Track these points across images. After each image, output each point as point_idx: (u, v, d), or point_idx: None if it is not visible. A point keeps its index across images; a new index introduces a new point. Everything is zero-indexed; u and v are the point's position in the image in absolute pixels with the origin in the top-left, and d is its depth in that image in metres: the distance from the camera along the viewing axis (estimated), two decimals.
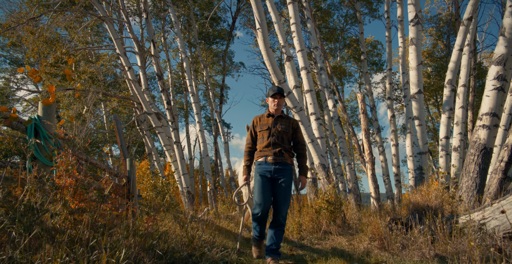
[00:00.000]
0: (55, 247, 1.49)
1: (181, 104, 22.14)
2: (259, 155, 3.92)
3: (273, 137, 3.87)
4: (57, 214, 1.73)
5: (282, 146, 3.88)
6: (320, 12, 19.00)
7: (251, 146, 4.06)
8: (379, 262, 3.10)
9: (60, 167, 2.16)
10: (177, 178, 11.82)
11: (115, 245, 1.80)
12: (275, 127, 3.91)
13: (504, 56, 5.12)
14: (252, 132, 4.07)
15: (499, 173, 5.90)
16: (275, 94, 3.99)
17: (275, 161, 3.81)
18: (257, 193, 3.74)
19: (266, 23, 7.85)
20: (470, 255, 2.17)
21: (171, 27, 18.35)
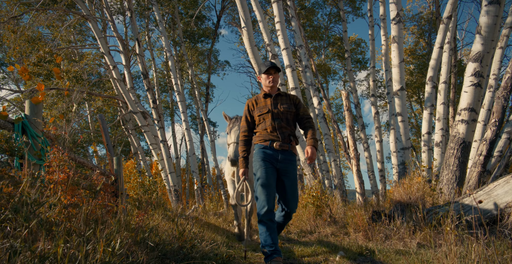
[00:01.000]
0: (52, 238, 1.54)
1: (167, 103, 22.07)
2: (263, 137, 3.39)
3: (277, 120, 3.37)
4: (55, 205, 1.78)
5: (289, 129, 3.41)
6: (304, 10, 19.16)
7: (247, 134, 3.52)
8: (363, 250, 3.22)
9: (53, 162, 2.20)
10: (164, 177, 11.83)
11: (109, 237, 1.86)
12: (277, 109, 3.41)
13: (480, 53, 5.30)
14: (247, 117, 3.55)
15: (478, 166, 6.12)
16: (269, 69, 3.51)
17: (283, 148, 3.32)
18: (262, 183, 3.20)
19: (251, 22, 7.92)
20: (446, 239, 2.30)
21: (155, 25, 18.25)
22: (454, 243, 2.12)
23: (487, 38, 5.34)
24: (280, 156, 3.32)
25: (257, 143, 3.45)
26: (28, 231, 1.45)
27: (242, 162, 3.45)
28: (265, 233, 3.12)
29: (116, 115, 20.72)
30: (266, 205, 3.12)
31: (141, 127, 11.83)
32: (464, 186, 5.52)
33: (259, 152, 3.38)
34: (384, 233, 3.59)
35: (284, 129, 3.37)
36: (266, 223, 3.12)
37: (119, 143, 22.49)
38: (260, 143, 3.41)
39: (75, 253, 1.49)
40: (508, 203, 3.26)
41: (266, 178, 3.22)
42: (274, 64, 3.50)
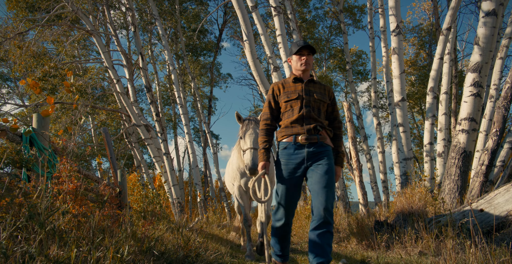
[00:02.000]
0: (64, 245, 1.59)
1: (170, 116, 22.21)
2: (285, 133, 2.93)
3: (306, 108, 2.89)
4: (67, 212, 1.84)
5: (319, 120, 2.91)
6: (305, 23, 19.40)
7: (270, 122, 3.03)
8: (365, 258, 3.24)
9: (62, 173, 2.27)
10: (167, 189, 11.86)
11: (117, 245, 1.91)
12: (308, 95, 2.94)
13: (479, 64, 5.38)
14: (272, 103, 3.05)
15: (481, 176, 6.14)
16: (301, 50, 2.99)
17: (309, 140, 2.84)
18: (282, 191, 2.87)
19: (253, 35, 8.06)
20: (447, 246, 2.33)
21: (158, 39, 18.52)
22: (453, 249, 2.16)
23: (485, 49, 5.42)
24: (308, 152, 2.84)
25: (280, 140, 3.00)
26: (43, 236, 1.51)
27: (263, 153, 2.99)
28: (280, 240, 2.93)
29: (119, 128, 20.86)
30: (284, 210, 2.86)
31: (144, 140, 11.91)
32: (466, 195, 5.53)
33: (281, 153, 2.95)
34: (387, 242, 3.61)
35: (312, 120, 2.89)
36: (281, 228, 2.90)
37: (122, 156, 22.58)
38: (283, 139, 2.96)
39: (87, 258, 1.54)
40: (509, 211, 3.29)
41: (288, 182, 2.87)
42: (308, 43, 3.00)
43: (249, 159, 3.72)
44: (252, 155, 3.73)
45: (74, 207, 2.06)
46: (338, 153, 3.07)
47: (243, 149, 3.94)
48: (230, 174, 4.98)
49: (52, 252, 1.42)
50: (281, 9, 9.08)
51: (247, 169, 3.70)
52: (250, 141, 3.87)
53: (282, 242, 2.98)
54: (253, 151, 3.76)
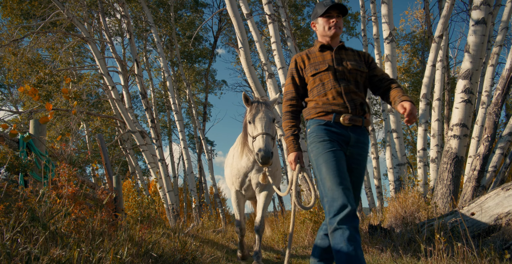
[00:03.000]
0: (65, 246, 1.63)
1: (164, 123, 22.22)
2: (322, 109, 2.32)
3: (342, 81, 2.33)
4: (69, 213, 1.88)
5: (361, 95, 2.38)
6: (299, 31, 19.59)
7: (296, 103, 2.47)
8: None
9: (62, 177, 2.31)
10: (162, 196, 11.84)
11: (116, 247, 1.95)
12: (341, 65, 2.38)
13: (469, 71, 5.49)
14: (296, 78, 2.48)
15: (473, 181, 6.22)
16: (329, 10, 2.44)
17: (354, 122, 2.28)
18: (333, 173, 2.13)
19: (248, 42, 8.15)
20: (438, 249, 2.39)
21: (153, 46, 18.61)
22: (443, 251, 2.22)
23: (476, 56, 5.53)
24: (352, 136, 2.28)
25: (313, 117, 2.38)
26: (44, 238, 1.55)
27: (292, 141, 2.41)
28: (349, 253, 1.91)
29: (113, 135, 20.83)
30: (348, 203, 2.02)
31: (139, 146, 11.92)
32: (459, 200, 5.61)
33: (318, 130, 2.30)
34: (380, 246, 3.67)
35: (354, 95, 2.33)
36: (350, 232, 1.96)
37: (116, 163, 22.53)
38: (317, 117, 2.34)
39: (89, 258, 1.58)
40: (499, 214, 3.36)
41: (337, 165, 2.16)
42: (336, 3, 2.44)
43: (262, 145, 3.16)
44: (265, 141, 3.18)
45: (73, 210, 2.09)
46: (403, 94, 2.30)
47: (252, 135, 3.38)
48: (229, 176, 4.53)
49: (55, 252, 1.46)
50: (275, 17, 9.19)
51: (259, 157, 3.15)
52: (261, 126, 3.32)
53: (356, 249, 1.94)
54: (265, 137, 3.23)
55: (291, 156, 2.43)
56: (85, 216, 2.12)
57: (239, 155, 4.08)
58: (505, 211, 3.34)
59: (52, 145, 2.80)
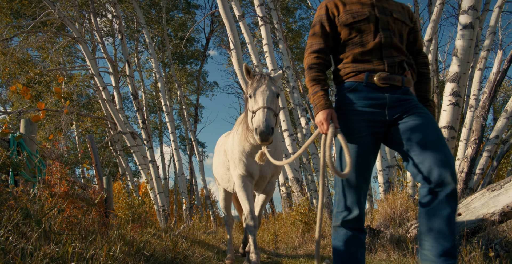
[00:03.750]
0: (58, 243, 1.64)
1: (155, 124, 22.15)
2: (351, 68, 1.99)
3: (384, 32, 1.96)
4: (63, 210, 1.89)
5: (403, 51, 2.00)
6: (291, 33, 19.69)
7: (324, 56, 2.06)
8: None
9: (54, 175, 2.31)
10: (153, 197, 11.80)
11: (109, 244, 1.96)
12: (384, 14, 2.00)
13: (457, 74, 5.59)
14: (326, 27, 2.06)
15: (461, 183, 6.32)
16: None
17: (391, 82, 1.92)
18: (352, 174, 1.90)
19: (240, 44, 8.19)
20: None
21: (145, 47, 18.57)
22: None
23: (463, 60, 5.64)
24: (390, 99, 1.90)
25: (342, 79, 2.05)
26: (38, 235, 1.56)
27: (321, 97, 1.94)
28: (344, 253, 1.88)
29: (104, 136, 20.71)
30: (356, 208, 1.90)
31: (130, 147, 11.87)
32: None
33: (346, 102, 1.98)
34: (369, 245, 3.72)
35: (394, 52, 1.96)
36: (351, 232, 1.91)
37: (106, 164, 22.38)
38: (346, 79, 2.02)
39: (83, 253, 1.59)
40: (485, 215, 3.43)
41: (357, 168, 1.92)
42: None
43: (261, 120, 2.81)
44: (266, 115, 2.81)
45: (65, 208, 2.10)
46: (427, 101, 2.09)
47: (252, 109, 3.02)
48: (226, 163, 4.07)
49: (49, 247, 1.47)
50: (267, 19, 9.25)
51: (257, 133, 2.80)
52: (262, 99, 2.97)
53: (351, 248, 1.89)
54: (266, 111, 2.84)
55: (322, 114, 1.90)
56: (78, 215, 2.13)
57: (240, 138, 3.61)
58: (490, 211, 3.42)
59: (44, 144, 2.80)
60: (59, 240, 1.63)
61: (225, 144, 4.07)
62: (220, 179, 4.43)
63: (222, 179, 4.33)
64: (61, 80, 2.71)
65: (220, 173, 4.32)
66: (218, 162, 4.36)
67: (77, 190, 4.44)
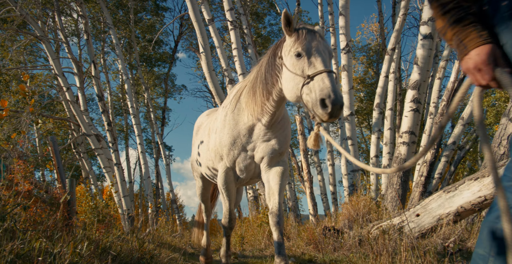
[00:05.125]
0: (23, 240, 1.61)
1: (121, 127, 21.70)
2: None
3: None
4: (28, 206, 1.84)
5: None
6: (260, 38, 19.89)
7: None
8: (312, 258, 3.43)
9: (17, 174, 2.25)
10: (117, 201, 11.54)
11: (75, 243, 1.94)
12: None
13: (418, 82, 5.87)
14: None
15: (420, 186, 6.59)
16: None
17: None
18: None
19: (209, 47, 8.21)
20: (386, 249, 2.56)
21: (111, 48, 18.21)
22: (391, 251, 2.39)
23: (423, 69, 5.92)
24: None
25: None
26: (2, 231, 1.53)
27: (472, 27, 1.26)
28: None
29: (66, 138, 20.07)
30: None
31: (94, 150, 11.58)
32: (407, 203, 5.93)
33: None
34: (333, 245, 3.83)
35: None
36: None
37: (69, 167, 21.65)
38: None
39: (48, 249, 1.57)
40: (441, 215, 3.62)
41: None
42: None
43: (330, 87, 2.18)
44: (333, 82, 2.22)
45: (30, 206, 2.06)
46: None
47: (308, 73, 2.32)
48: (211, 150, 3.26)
49: (15, 244, 1.44)
50: (237, 24, 9.33)
51: (325, 105, 2.18)
52: (322, 60, 2.34)
53: None
54: (332, 77, 2.25)
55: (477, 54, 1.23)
56: (41, 214, 2.09)
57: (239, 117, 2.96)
58: (446, 211, 3.61)
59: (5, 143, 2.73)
60: (24, 237, 1.60)
61: (211, 123, 3.39)
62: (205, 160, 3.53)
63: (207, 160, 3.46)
64: (26, 78, 2.65)
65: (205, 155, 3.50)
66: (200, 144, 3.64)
67: (39, 191, 4.33)
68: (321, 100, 2.19)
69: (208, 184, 4.18)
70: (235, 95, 3.07)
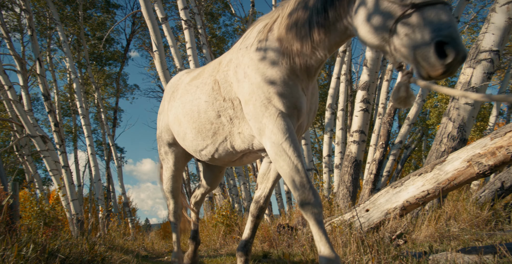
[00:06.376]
0: None
1: (69, 128, 20.77)
2: None
3: None
4: None
5: None
6: (215, 39, 19.80)
7: None
8: (267, 253, 3.48)
9: None
10: (65, 205, 11.03)
11: (20, 246, 1.83)
12: None
13: (367, 82, 6.11)
14: None
15: (370, 183, 6.85)
16: None
17: None
18: None
19: (163, 46, 8.07)
20: (337, 242, 2.66)
21: (58, 46, 17.40)
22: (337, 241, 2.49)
23: (372, 70, 6.18)
24: None
25: None
26: None
27: None
28: None
29: (8, 140, 18.91)
30: None
31: (40, 152, 11.00)
32: (357, 200, 6.15)
33: None
34: (288, 242, 3.91)
35: None
36: None
37: (11, 171, 20.38)
38: None
39: None
40: (388, 209, 3.80)
41: None
42: None
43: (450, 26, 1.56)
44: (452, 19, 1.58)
45: None
46: None
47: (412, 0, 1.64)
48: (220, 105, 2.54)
49: None
50: (191, 23, 9.24)
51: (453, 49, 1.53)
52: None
53: None
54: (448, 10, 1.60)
55: None
56: None
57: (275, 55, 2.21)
58: (393, 206, 3.79)
59: None
60: None
61: (218, 73, 2.58)
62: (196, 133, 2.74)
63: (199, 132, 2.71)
64: None
65: (197, 124, 2.69)
66: (186, 108, 2.80)
67: None
68: (437, 44, 1.52)
69: (183, 162, 3.35)
70: (262, 31, 2.32)
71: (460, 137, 4.70)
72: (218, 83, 2.52)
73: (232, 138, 2.56)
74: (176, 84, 3.22)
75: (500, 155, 3.31)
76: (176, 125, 2.95)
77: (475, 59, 4.82)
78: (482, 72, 4.74)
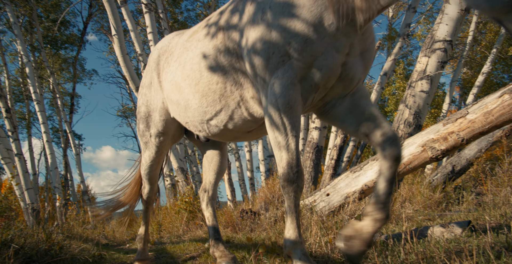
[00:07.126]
0: None
1: (22, 114, 19.79)
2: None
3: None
4: None
5: None
6: (177, 24, 19.36)
7: None
8: (230, 238, 3.53)
9: None
10: (19, 194, 10.59)
11: None
12: None
13: None
14: None
15: (331, 168, 7.03)
16: None
17: None
18: None
19: (122, 30, 7.81)
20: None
21: (8, 27, 16.39)
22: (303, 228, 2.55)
23: None
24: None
25: None
26: None
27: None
28: None
29: None
30: None
31: None
32: (319, 185, 6.31)
33: None
34: (250, 227, 3.97)
35: None
36: None
37: None
38: None
39: None
40: (348, 193, 3.93)
41: None
42: None
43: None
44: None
45: None
46: None
47: None
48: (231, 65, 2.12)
49: None
50: (152, 7, 8.98)
51: None
52: None
53: None
54: None
55: None
56: None
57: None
58: (352, 190, 3.93)
59: None
60: None
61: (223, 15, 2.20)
62: (200, 97, 2.27)
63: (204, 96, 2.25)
64: None
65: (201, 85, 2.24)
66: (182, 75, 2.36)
67: None
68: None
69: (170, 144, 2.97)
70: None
71: (416, 123, 4.90)
72: (223, 30, 2.09)
73: (247, 104, 2.15)
74: (168, 48, 2.69)
75: (452, 140, 3.49)
76: (176, 93, 2.42)
77: (430, 48, 5.01)
78: (437, 61, 4.95)
